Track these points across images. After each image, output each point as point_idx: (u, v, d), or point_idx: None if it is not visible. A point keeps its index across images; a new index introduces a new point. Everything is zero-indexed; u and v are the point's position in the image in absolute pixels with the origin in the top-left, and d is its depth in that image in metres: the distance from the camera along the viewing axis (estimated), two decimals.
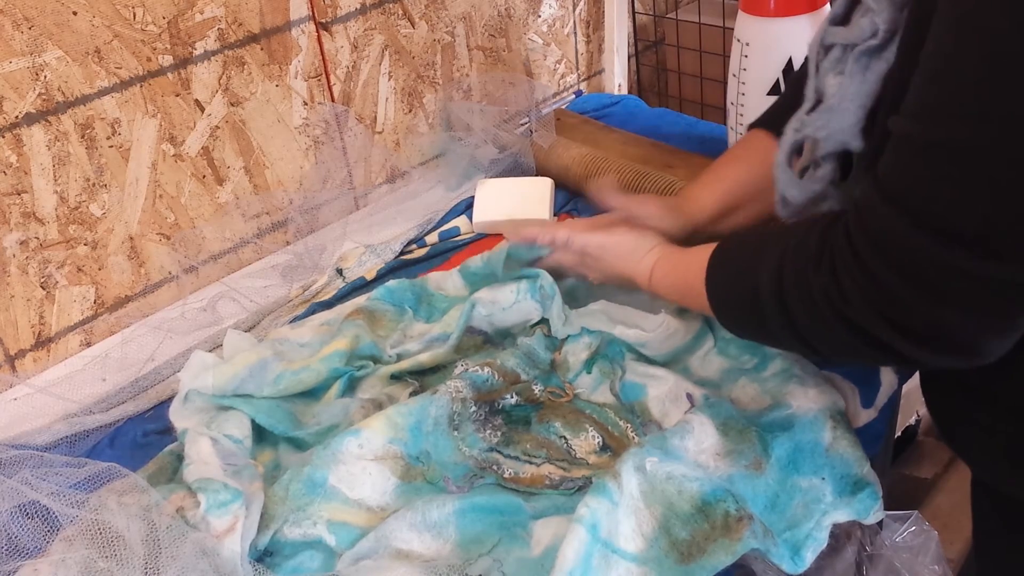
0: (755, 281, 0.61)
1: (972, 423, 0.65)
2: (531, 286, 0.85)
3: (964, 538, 1.21)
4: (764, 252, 0.62)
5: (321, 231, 1.13)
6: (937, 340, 0.52)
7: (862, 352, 0.56)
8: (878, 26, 0.60)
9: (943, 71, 0.49)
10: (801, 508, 0.67)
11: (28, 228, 0.90)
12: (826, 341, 0.58)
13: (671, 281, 0.75)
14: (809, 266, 0.56)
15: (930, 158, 0.49)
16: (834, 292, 0.54)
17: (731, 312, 0.67)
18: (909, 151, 0.51)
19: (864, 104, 0.62)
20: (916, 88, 0.51)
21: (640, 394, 0.79)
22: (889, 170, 0.52)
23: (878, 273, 0.52)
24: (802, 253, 0.58)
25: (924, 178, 0.50)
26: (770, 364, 0.78)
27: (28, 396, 0.89)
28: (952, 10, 0.48)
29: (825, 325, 0.56)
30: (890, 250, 0.51)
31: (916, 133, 0.50)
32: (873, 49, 0.61)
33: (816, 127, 0.65)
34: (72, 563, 0.61)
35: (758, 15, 1.05)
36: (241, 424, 0.77)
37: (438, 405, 0.76)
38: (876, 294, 0.52)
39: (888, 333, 0.53)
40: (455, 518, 0.67)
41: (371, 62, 1.14)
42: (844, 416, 0.73)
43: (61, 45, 0.86)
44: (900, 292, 0.51)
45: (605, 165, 1.08)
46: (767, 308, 0.60)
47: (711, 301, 0.68)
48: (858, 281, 0.53)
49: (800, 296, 0.57)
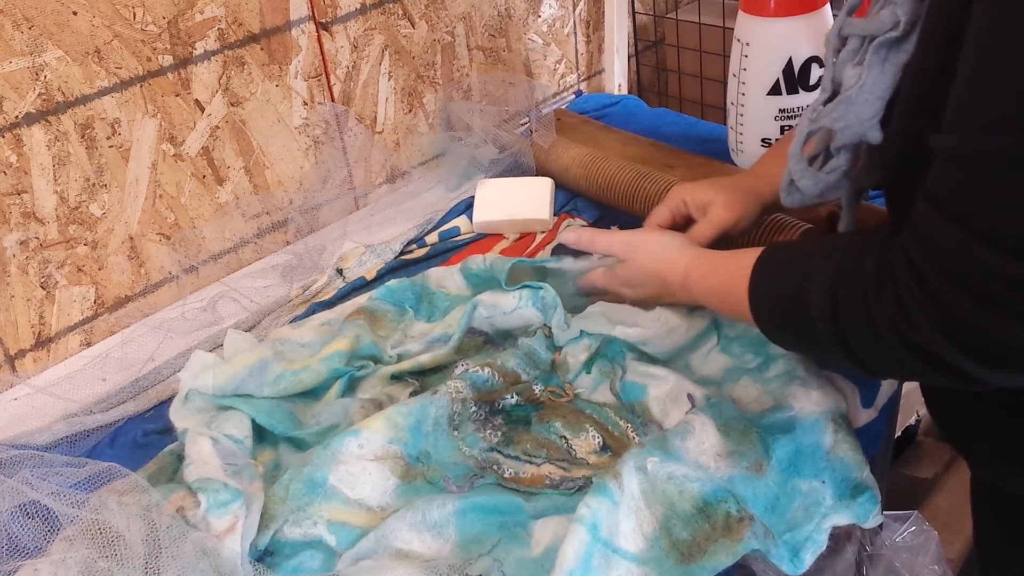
0: (805, 304, 0.60)
1: (972, 420, 0.65)
2: (533, 295, 0.85)
3: (964, 538, 1.21)
4: (812, 270, 0.60)
5: (321, 231, 1.13)
6: (1006, 359, 0.51)
7: (926, 375, 0.55)
8: (899, 18, 0.59)
9: (988, 81, 0.47)
10: (801, 510, 0.67)
11: (28, 228, 0.90)
12: (888, 365, 0.57)
13: (710, 284, 0.74)
14: (870, 295, 0.55)
15: (990, 173, 0.48)
16: (900, 320, 0.53)
17: (777, 327, 0.66)
18: (962, 166, 0.49)
19: (883, 96, 0.61)
20: (959, 101, 0.49)
21: (641, 394, 0.79)
22: (945, 189, 0.51)
23: (946, 297, 0.50)
24: (860, 282, 0.56)
25: (986, 194, 0.48)
26: (773, 365, 0.78)
27: (28, 396, 0.89)
28: (991, 12, 0.47)
29: (890, 352, 0.55)
30: (955, 270, 0.50)
31: (968, 148, 0.48)
32: (893, 41, 0.60)
33: (833, 118, 0.64)
34: (72, 563, 0.61)
35: (758, 15, 1.05)
36: (241, 424, 0.77)
37: (438, 405, 0.76)
38: (945, 318, 0.51)
39: (956, 356, 0.51)
40: (455, 518, 0.67)
41: (371, 62, 1.14)
42: (845, 419, 0.73)
43: (61, 45, 0.86)
44: (968, 313, 0.50)
45: (605, 165, 1.08)
46: (821, 334, 0.59)
47: (754, 312, 0.67)
48: (923, 305, 0.51)
49: (861, 325, 0.56)
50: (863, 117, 0.62)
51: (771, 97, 1.08)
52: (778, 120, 1.09)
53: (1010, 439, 0.63)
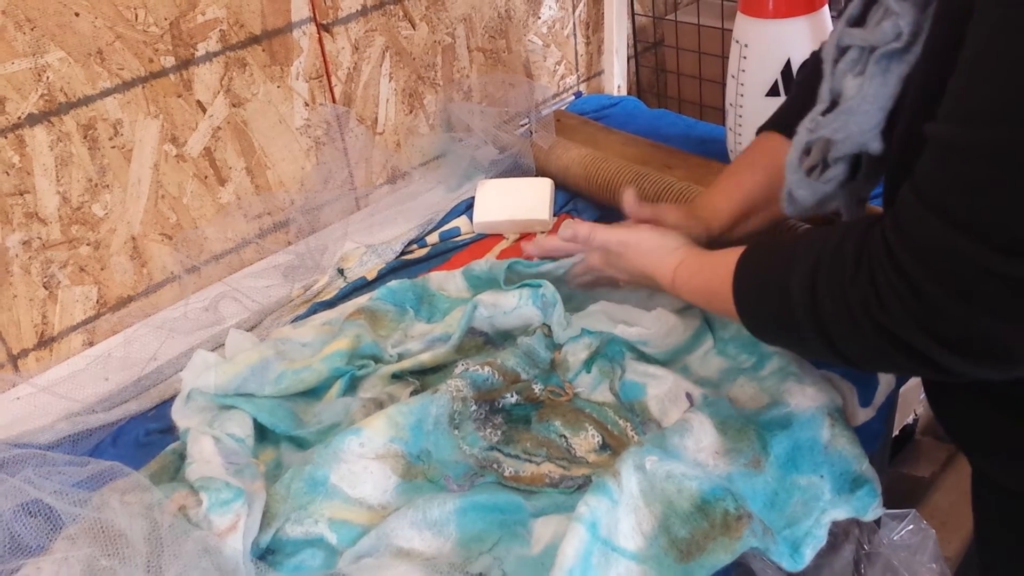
0: (786, 289, 0.59)
1: (974, 416, 0.65)
2: (533, 293, 0.86)
3: (962, 536, 1.21)
4: (794, 259, 0.60)
5: (322, 231, 1.13)
6: (978, 351, 0.51)
7: (898, 363, 0.55)
8: (901, 29, 0.59)
9: (984, 73, 0.47)
10: (800, 506, 0.68)
11: (31, 228, 0.90)
12: (861, 352, 0.57)
13: (696, 284, 0.74)
14: (845, 276, 0.55)
15: (972, 162, 0.47)
16: (873, 303, 0.53)
17: (760, 319, 0.66)
18: (949, 156, 0.49)
19: (884, 106, 0.61)
20: (955, 92, 0.49)
21: (639, 393, 0.80)
22: (928, 176, 0.51)
23: (919, 282, 0.50)
24: (837, 263, 0.56)
25: (967, 183, 0.48)
26: (767, 363, 0.79)
27: (31, 395, 0.89)
28: (992, 11, 0.47)
29: (862, 336, 0.55)
30: (931, 259, 0.50)
31: (957, 137, 0.48)
32: (895, 52, 0.60)
33: (833, 129, 0.64)
34: (75, 561, 0.61)
35: (757, 16, 1.06)
36: (243, 423, 0.77)
37: (439, 404, 0.76)
38: (917, 304, 0.51)
39: (928, 344, 0.51)
40: (456, 516, 0.67)
41: (372, 63, 1.14)
42: (842, 414, 0.74)
43: (63, 46, 0.87)
44: (942, 302, 0.49)
45: (605, 166, 1.08)
46: (799, 318, 0.59)
47: (738, 306, 0.66)
48: (898, 291, 0.51)
49: (836, 307, 0.56)
50: (864, 127, 0.62)
51: (770, 98, 1.08)
52: None
53: (1013, 435, 0.63)
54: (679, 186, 1.00)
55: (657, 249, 0.79)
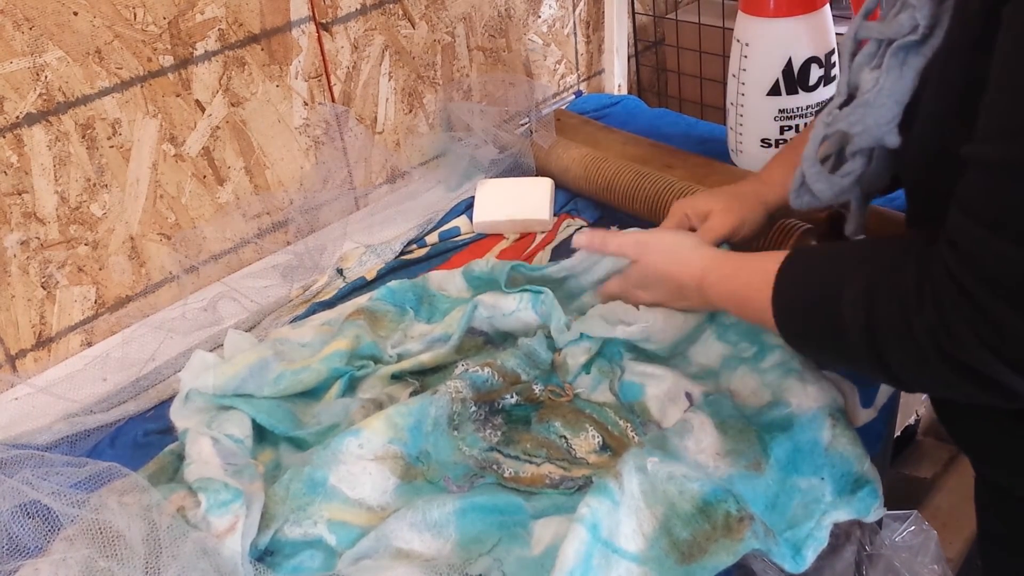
0: (836, 313, 0.58)
1: (981, 424, 0.65)
2: (533, 298, 0.85)
3: (963, 538, 1.21)
4: (844, 279, 0.59)
5: (321, 231, 1.13)
6: None
7: (964, 390, 0.54)
8: (918, 21, 0.58)
9: (1020, 88, 0.46)
10: (801, 508, 0.67)
11: (29, 228, 0.90)
12: (924, 380, 0.56)
13: (728, 288, 0.72)
14: (909, 306, 0.53)
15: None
16: (941, 333, 0.51)
17: (805, 338, 0.65)
18: (1000, 175, 0.48)
19: (901, 100, 0.61)
20: (994, 109, 0.49)
21: (639, 393, 0.79)
22: (981, 198, 0.50)
23: (989, 307, 0.49)
24: (898, 292, 0.54)
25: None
26: (769, 355, 0.78)
27: (29, 396, 0.89)
28: (1019, 21, 0.46)
29: (928, 366, 0.53)
30: (999, 281, 0.49)
31: (1005, 155, 0.48)
32: (912, 45, 0.59)
33: (850, 122, 0.63)
34: (73, 562, 0.61)
35: (758, 15, 1.05)
36: (242, 424, 0.77)
37: (438, 405, 0.76)
38: (988, 330, 0.49)
39: (1000, 370, 0.50)
40: (455, 518, 0.67)
41: (371, 62, 1.14)
42: (843, 414, 0.73)
43: (62, 45, 0.86)
44: (1016, 325, 0.48)
45: (605, 165, 1.08)
46: (853, 343, 0.57)
47: (779, 321, 0.65)
48: (968, 318, 0.50)
49: (899, 337, 0.54)
50: (881, 121, 0.62)
51: (770, 97, 1.08)
52: (777, 120, 1.10)
53: (1013, 435, 0.62)
54: (679, 186, 1.00)
55: (677, 247, 0.78)
